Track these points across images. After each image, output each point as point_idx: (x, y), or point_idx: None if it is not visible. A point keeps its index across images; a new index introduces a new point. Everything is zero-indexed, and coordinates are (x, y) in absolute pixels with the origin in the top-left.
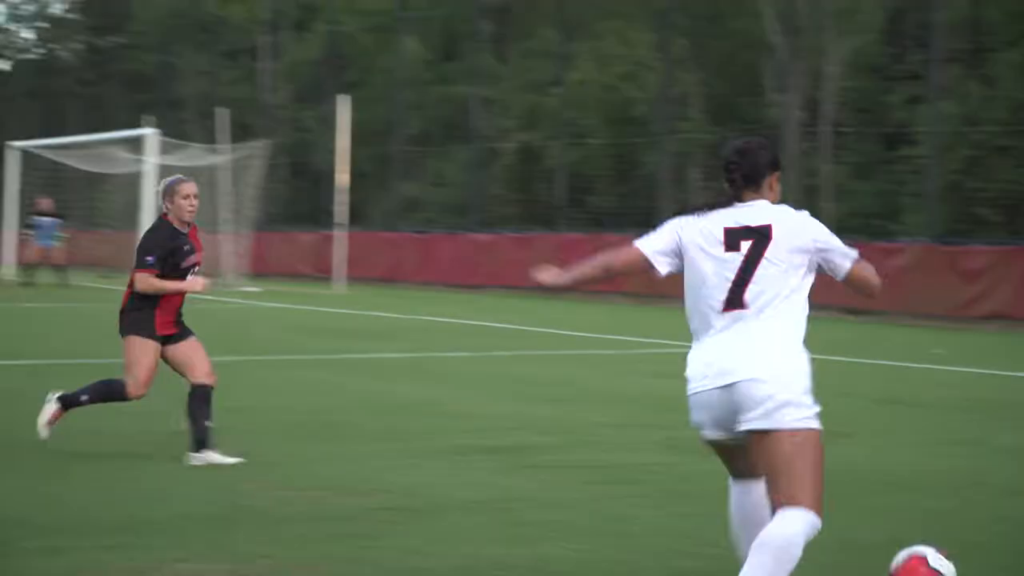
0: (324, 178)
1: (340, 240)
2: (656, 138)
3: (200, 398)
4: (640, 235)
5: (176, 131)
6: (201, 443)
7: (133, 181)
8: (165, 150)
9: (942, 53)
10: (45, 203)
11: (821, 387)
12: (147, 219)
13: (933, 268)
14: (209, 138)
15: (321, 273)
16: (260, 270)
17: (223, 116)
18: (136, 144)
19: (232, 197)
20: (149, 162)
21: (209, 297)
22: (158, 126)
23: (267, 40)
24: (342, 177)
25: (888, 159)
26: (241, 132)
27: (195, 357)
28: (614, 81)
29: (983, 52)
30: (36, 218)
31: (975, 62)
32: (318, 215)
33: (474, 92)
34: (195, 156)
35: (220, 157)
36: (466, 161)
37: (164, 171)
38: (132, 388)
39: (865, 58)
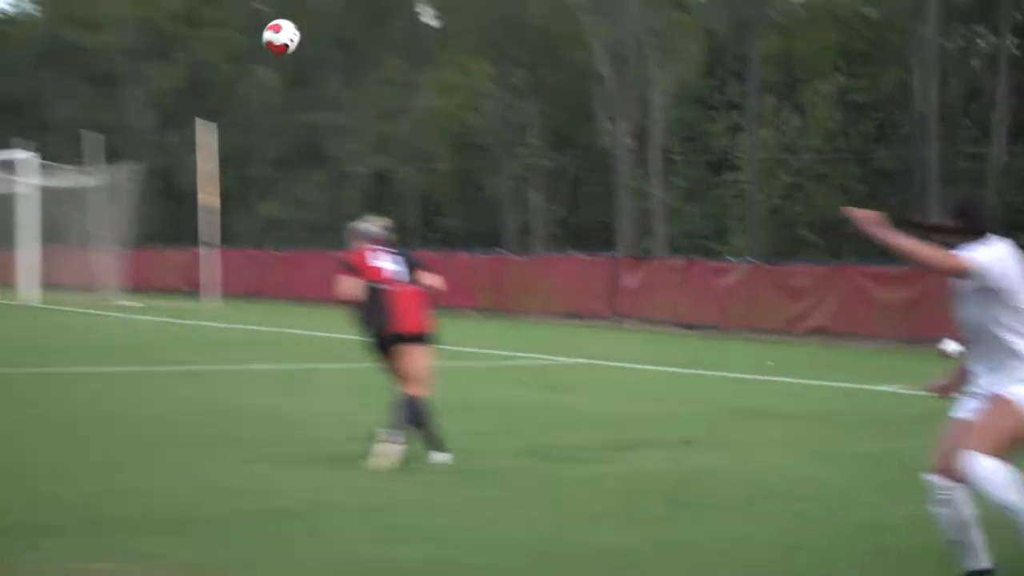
0: (191, 199)
1: (208, 258)
2: (497, 163)
3: None
4: (487, 253)
5: (46, 154)
6: None
7: (7, 202)
8: (38, 172)
9: (758, 84)
10: None
11: (678, 399)
12: (25, 238)
13: (760, 286)
14: (79, 161)
15: (193, 288)
16: (138, 285)
17: (94, 140)
18: (8, 165)
19: (106, 217)
20: (25, 183)
21: (90, 310)
22: (28, 148)
23: (132, 68)
24: (208, 198)
25: (714, 184)
26: (111, 155)
27: None
28: (456, 110)
29: (796, 84)
30: None
31: (789, 93)
32: (188, 234)
33: (326, 119)
34: (68, 178)
35: (93, 179)
36: (322, 183)
37: (41, 192)
38: None
39: (689, 88)
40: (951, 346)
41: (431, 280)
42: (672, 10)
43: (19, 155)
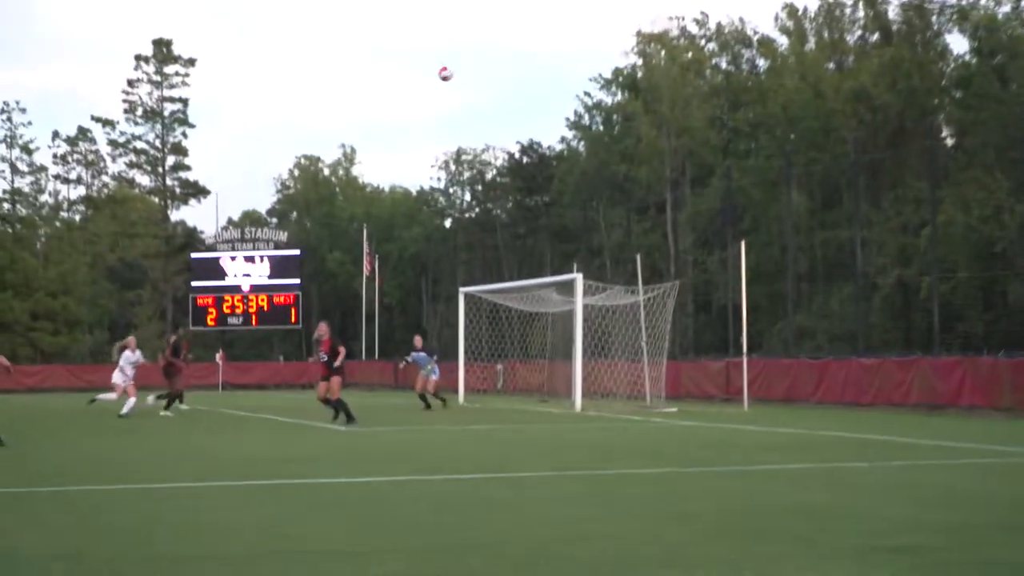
0: (725, 312)
1: (740, 365)
2: (1019, 271)
3: None
4: (1010, 356)
5: (596, 275)
6: None
7: (565, 318)
8: (589, 291)
9: None
10: (418, 341)
11: None
12: (580, 350)
13: None
14: (625, 280)
15: (727, 395)
16: (675, 393)
17: (638, 262)
18: (565, 287)
19: (649, 331)
20: (577, 302)
21: (635, 417)
22: (581, 271)
23: (671, 195)
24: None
25: None
26: (652, 274)
27: None
28: (977, 223)
29: None
30: (414, 354)
31: None
32: (724, 344)
33: (853, 235)
34: (616, 296)
35: (637, 297)
36: (849, 295)
37: (589, 310)
38: None
39: None
40: None
41: None
42: None
43: (572, 277)
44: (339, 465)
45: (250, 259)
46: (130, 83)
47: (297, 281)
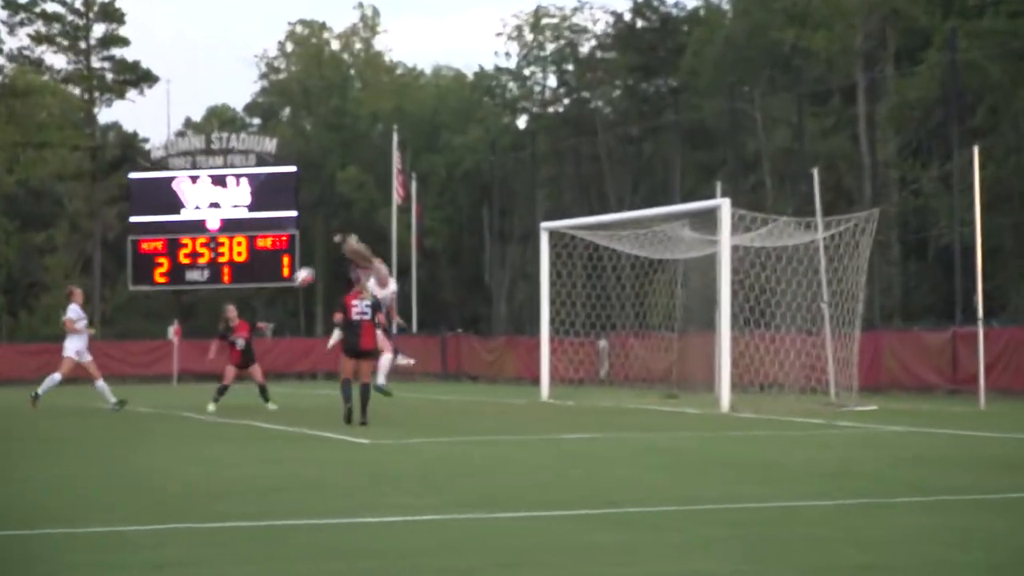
0: (949, 257)
1: (978, 340)
2: None
3: None
4: None
5: (749, 199)
6: None
7: (703, 268)
8: (741, 226)
9: None
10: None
11: None
12: (727, 318)
13: None
14: (795, 208)
15: (953, 384)
16: (872, 381)
17: (815, 179)
18: (704, 219)
19: (833, 286)
20: (723, 242)
21: (813, 420)
22: (727, 193)
23: (865, 77)
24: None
25: None
26: (836, 199)
27: None
28: None
29: None
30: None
31: None
32: (948, 307)
33: None
34: (782, 234)
35: (814, 234)
36: None
37: (742, 254)
38: None
39: None
40: None
41: None
42: None
43: (715, 204)
44: (360, 496)
45: (220, 181)
46: None
47: (293, 214)
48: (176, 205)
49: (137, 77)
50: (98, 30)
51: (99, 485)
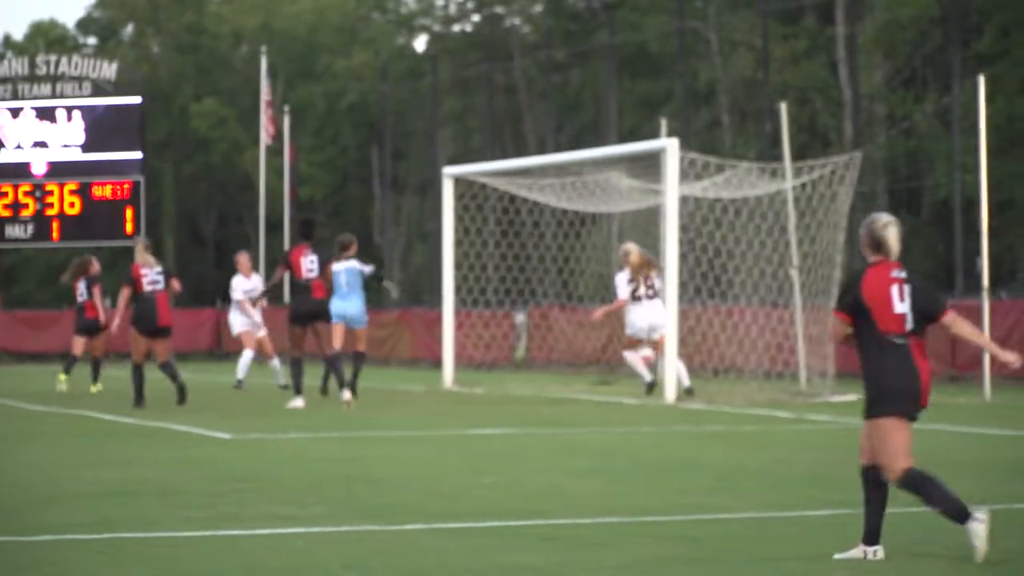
0: (947, 213)
1: (983, 315)
2: None
3: None
4: None
5: (702, 140)
6: None
7: (643, 225)
8: (691, 173)
9: None
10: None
11: None
12: (674, 286)
13: None
14: (758, 151)
15: (953, 368)
16: (851, 365)
17: (782, 115)
18: (645, 164)
19: (804, 248)
20: (669, 192)
21: (778, 413)
22: (674, 133)
23: None
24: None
25: None
26: (810, 140)
27: None
28: None
29: None
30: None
31: None
32: (946, 274)
33: None
34: (741, 182)
35: (782, 183)
36: None
37: (692, 207)
38: None
39: None
40: None
41: None
42: None
43: (658, 145)
44: (222, 504)
45: (47, 115)
46: None
47: (137, 156)
48: None
49: None
50: None
51: None
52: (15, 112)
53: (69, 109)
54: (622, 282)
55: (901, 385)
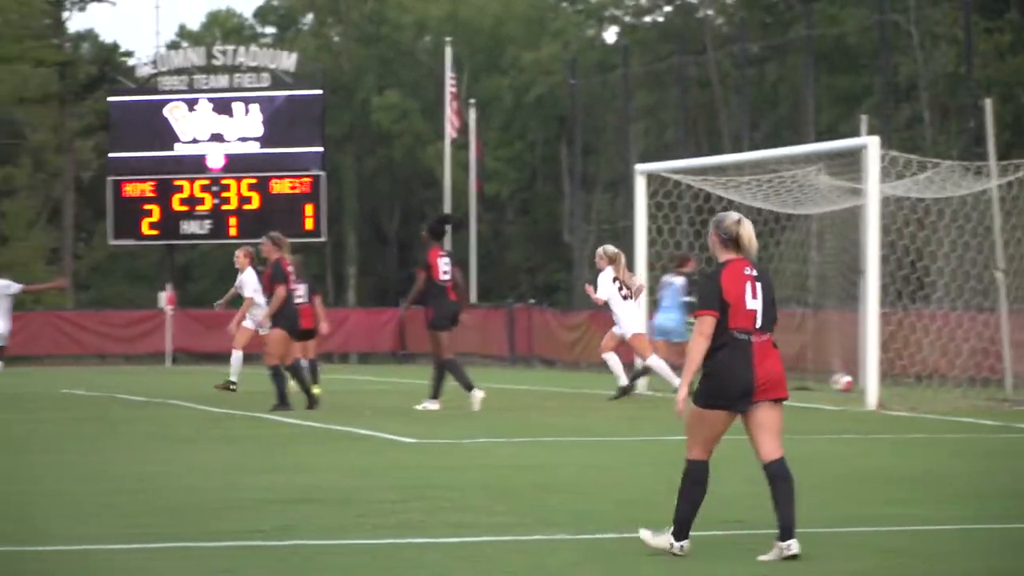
0: None
1: None
2: None
3: None
4: None
5: (902, 138)
6: None
7: (842, 226)
8: (893, 171)
9: None
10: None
11: None
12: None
13: None
14: (961, 149)
15: None
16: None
17: (987, 112)
18: (844, 162)
19: (1011, 250)
20: (870, 191)
21: (984, 421)
22: (874, 130)
23: None
24: None
25: None
26: (1016, 137)
27: None
28: None
29: None
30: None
31: None
32: None
33: None
34: (944, 181)
35: (986, 182)
36: None
37: (894, 207)
38: None
39: None
40: None
41: None
42: None
43: (859, 143)
44: (406, 511)
45: (224, 107)
46: None
47: (318, 150)
48: (168, 138)
49: None
50: None
51: (73, 495)
52: (191, 104)
53: (247, 101)
54: (607, 280)
55: None
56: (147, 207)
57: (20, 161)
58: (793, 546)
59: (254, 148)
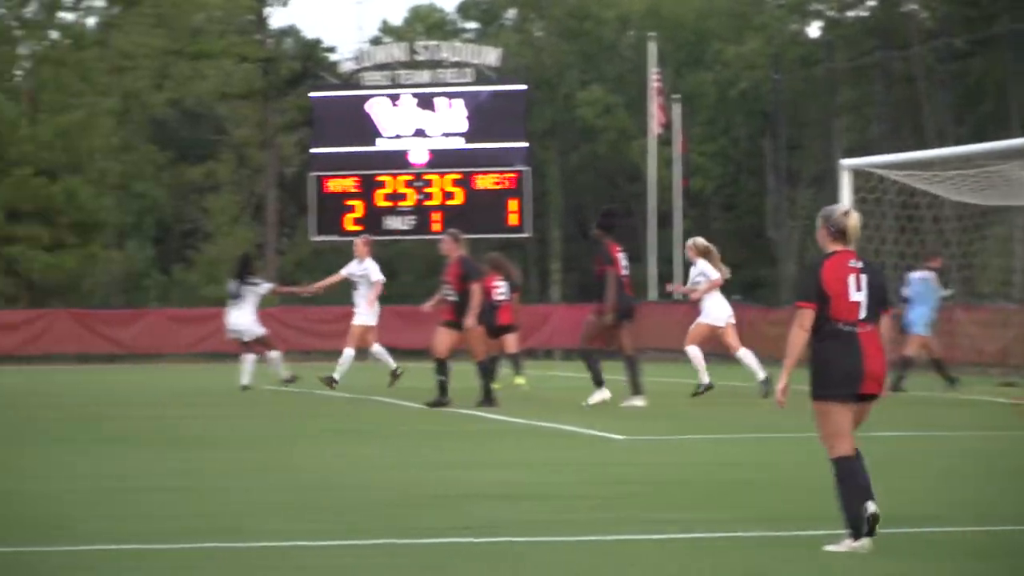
0: None
1: None
2: None
3: None
4: None
5: None
6: None
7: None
8: None
9: None
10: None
11: None
12: None
13: None
14: None
15: None
16: None
17: None
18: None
19: None
20: None
21: None
22: None
23: None
24: None
25: None
26: None
27: None
28: None
29: None
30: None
31: None
32: None
33: None
34: None
35: None
36: None
37: None
38: None
39: None
40: None
41: None
42: None
43: None
44: (616, 507)
45: (427, 102)
46: None
47: (522, 145)
48: (371, 133)
49: None
50: None
51: (274, 492)
52: (394, 99)
53: (450, 96)
54: (709, 268)
55: None
56: (350, 202)
57: (223, 157)
58: (870, 506)
59: (458, 143)
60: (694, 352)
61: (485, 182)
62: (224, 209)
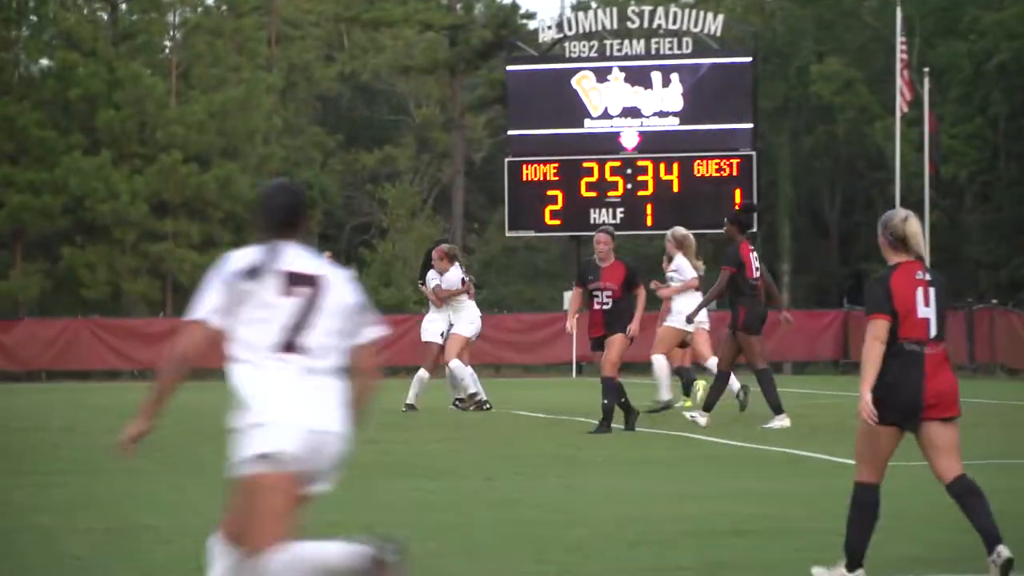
0: None
1: None
2: None
3: None
4: None
5: None
6: None
7: None
8: None
9: None
10: None
11: None
12: None
13: None
14: None
15: None
16: None
17: None
18: None
19: None
20: None
21: None
22: None
23: None
24: None
25: None
26: None
27: None
28: None
29: None
30: None
31: None
32: None
33: None
34: None
35: None
36: None
37: None
38: None
39: None
40: None
41: None
42: None
43: None
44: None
45: (640, 78)
46: None
47: (747, 126)
48: (577, 113)
49: None
50: None
51: (472, 524)
52: (601, 74)
53: (665, 71)
54: (686, 265)
55: None
56: (551, 193)
57: (403, 140)
58: (1003, 551)
59: (673, 124)
60: (660, 363)
61: (705, 169)
62: (402, 200)
